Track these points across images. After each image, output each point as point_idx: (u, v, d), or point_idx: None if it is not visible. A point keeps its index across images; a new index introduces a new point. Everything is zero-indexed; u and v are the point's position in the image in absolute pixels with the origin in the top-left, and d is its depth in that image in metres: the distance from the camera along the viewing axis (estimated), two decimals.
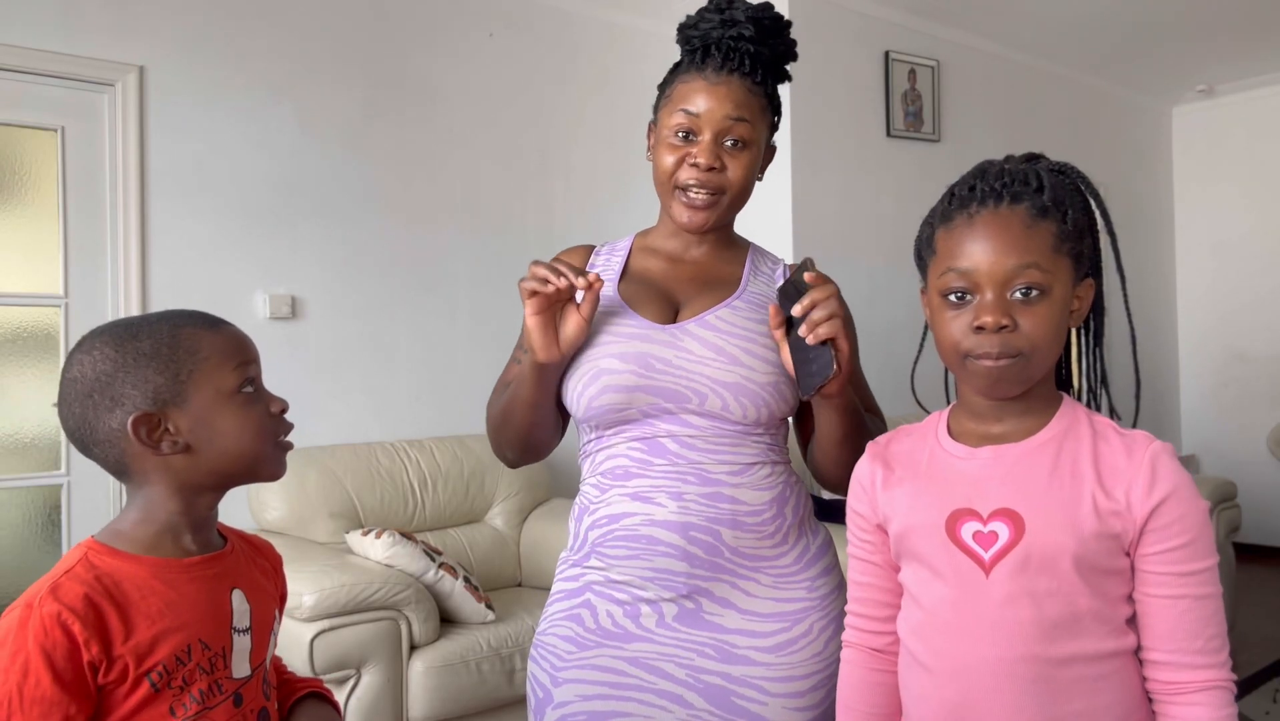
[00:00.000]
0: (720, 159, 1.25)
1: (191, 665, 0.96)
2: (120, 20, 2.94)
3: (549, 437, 1.35)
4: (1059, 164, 1.04)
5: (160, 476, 0.99)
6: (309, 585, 2.41)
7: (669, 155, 1.28)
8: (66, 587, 0.90)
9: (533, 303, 1.18)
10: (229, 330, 1.05)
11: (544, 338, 1.19)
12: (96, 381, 0.96)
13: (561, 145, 3.89)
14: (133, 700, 0.92)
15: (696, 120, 1.25)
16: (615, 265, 1.35)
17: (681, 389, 1.22)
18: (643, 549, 1.21)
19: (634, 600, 1.23)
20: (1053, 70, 4.99)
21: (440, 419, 3.51)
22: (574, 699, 1.25)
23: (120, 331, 0.99)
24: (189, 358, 0.99)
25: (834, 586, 1.28)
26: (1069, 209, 0.97)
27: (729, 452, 1.22)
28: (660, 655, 1.23)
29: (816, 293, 1.11)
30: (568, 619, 1.28)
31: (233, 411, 1.01)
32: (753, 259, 1.36)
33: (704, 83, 1.26)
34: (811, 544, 1.28)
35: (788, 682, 1.21)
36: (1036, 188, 0.97)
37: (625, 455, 1.24)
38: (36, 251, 2.90)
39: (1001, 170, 1.00)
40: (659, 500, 1.21)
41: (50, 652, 0.87)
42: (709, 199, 1.27)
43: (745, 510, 1.22)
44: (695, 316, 1.26)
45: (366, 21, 3.41)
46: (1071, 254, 0.97)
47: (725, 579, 1.22)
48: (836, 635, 1.24)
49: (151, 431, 0.97)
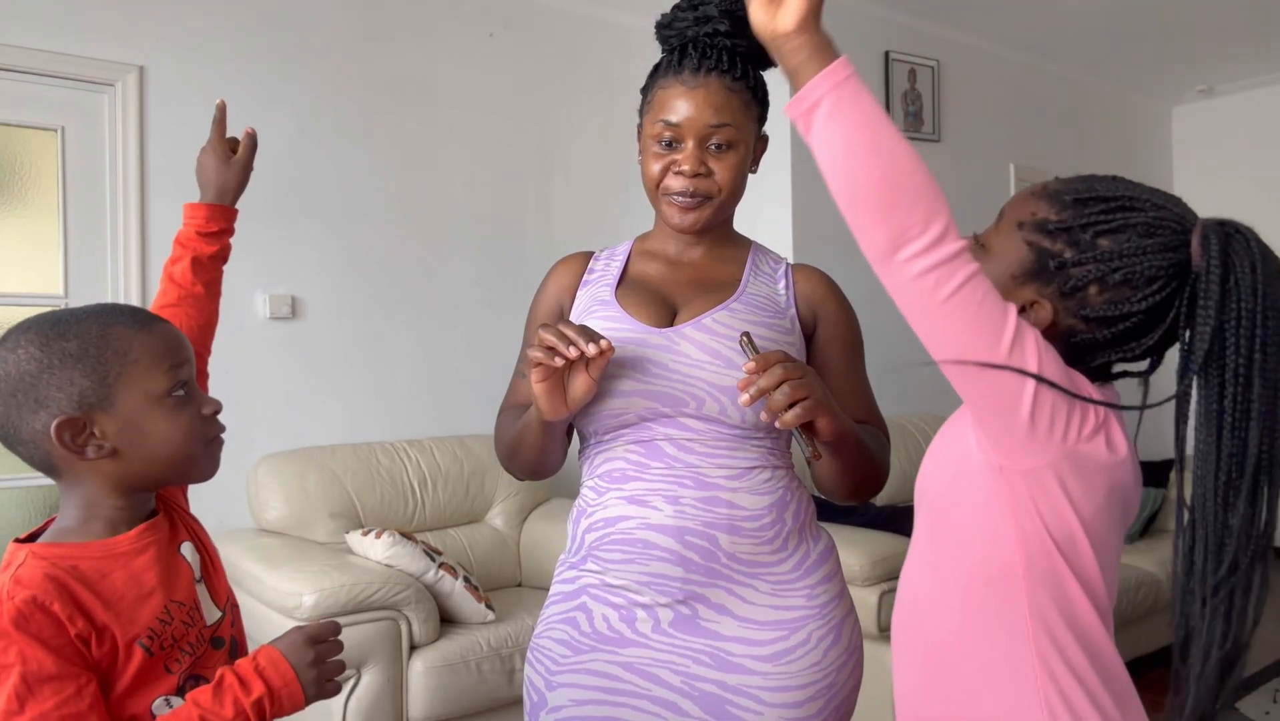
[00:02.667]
0: (705, 164, 1.24)
1: (175, 623, 0.97)
2: (120, 20, 2.94)
3: (558, 462, 1.35)
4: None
5: (91, 476, 0.97)
6: (309, 585, 2.41)
7: (654, 163, 1.26)
8: (27, 575, 0.90)
9: (538, 371, 1.13)
10: (162, 329, 1.00)
11: (551, 400, 1.15)
12: (20, 381, 0.93)
13: (561, 145, 3.88)
14: (131, 668, 0.93)
15: (678, 129, 1.23)
16: (614, 270, 1.34)
17: (678, 393, 1.20)
18: (638, 553, 1.20)
19: (630, 604, 1.22)
20: (1053, 70, 4.99)
21: (440, 419, 3.51)
22: (568, 703, 1.24)
23: (47, 329, 0.95)
24: (117, 360, 0.95)
25: (834, 595, 1.26)
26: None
27: (727, 456, 1.21)
28: (655, 661, 1.21)
29: (764, 381, 1.06)
30: (563, 622, 1.27)
31: (162, 415, 0.98)
32: (754, 259, 1.34)
33: (682, 88, 1.23)
34: (812, 550, 1.26)
35: (784, 692, 1.19)
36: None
37: (623, 458, 1.23)
38: (36, 251, 2.90)
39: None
40: (655, 504, 1.20)
41: (39, 634, 0.87)
42: (698, 202, 1.26)
43: (743, 515, 1.20)
44: (692, 320, 1.24)
45: (366, 22, 3.41)
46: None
47: (722, 585, 1.20)
48: (835, 645, 1.22)
49: (76, 435, 0.94)
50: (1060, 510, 0.92)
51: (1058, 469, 0.91)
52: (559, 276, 1.38)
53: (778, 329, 1.26)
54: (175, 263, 1.29)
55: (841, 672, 1.23)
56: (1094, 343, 0.98)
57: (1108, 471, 0.93)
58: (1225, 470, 0.89)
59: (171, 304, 1.26)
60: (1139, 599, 3.47)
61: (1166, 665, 0.97)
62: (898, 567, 2.80)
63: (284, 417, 3.17)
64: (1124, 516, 0.98)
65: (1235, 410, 0.89)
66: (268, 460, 3.00)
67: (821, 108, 0.90)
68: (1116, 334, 0.96)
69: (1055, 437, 0.90)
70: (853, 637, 1.26)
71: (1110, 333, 0.96)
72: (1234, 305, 0.89)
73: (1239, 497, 0.89)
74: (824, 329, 1.31)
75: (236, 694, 0.93)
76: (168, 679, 0.96)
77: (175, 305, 1.26)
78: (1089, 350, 0.98)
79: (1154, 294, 0.93)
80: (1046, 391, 0.89)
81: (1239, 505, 0.89)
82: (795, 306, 1.30)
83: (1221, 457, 0.90)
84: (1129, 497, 0.97)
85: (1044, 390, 0.89)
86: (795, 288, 1.31)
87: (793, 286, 1.31)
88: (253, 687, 0.94)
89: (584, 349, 1.09)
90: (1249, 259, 0.90)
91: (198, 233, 1.29)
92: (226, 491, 2.71)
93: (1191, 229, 0.94)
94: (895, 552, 2.82)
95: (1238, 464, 0.89)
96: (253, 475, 2.98)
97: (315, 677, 0.98)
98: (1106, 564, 0.96)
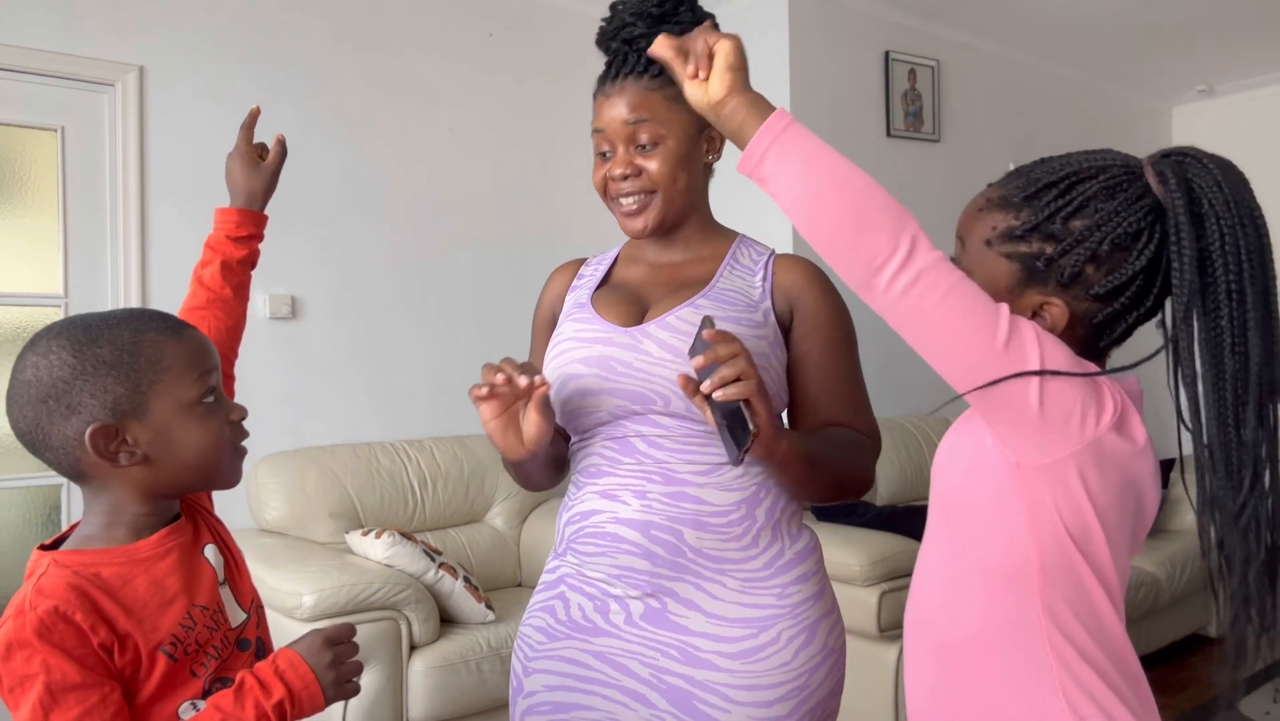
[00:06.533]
0: (633, 164, 1.26)
1: (199, 627, 0.97)
2: (120, 20, 2.94)
3: (552, 480, 1.37)
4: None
5: (119, 483, 0.97)
6: (309, 585, 2.41)
7: (597, 173, 1.30)
8: (49, 585, 0.90)
9: (483, 409, 1.14)
10: (192, 336, 1.01)
11: (506, 439, 1.16)
12: (52, 387, 0.92)
13: (561, 145, 3.88)
14: (155, 675, 0.93)
15: (605, 136, 1.27)
16: (599, 275, 1.36)
17: (644, 391, 1.21)
18: (608, 545, 1.21)
19: (603, 595, 1.24)
20: (1053, 70, 4.99)
21: (440, 419, 3.51)
22: (541, 689, 1.26)
23: (79, 334, 0.94)
24: (150, 367, 0.95)
25: (810, 595, 1.23)
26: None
27: (697, 452, 1.21)
28: (625, 652, 1.22)
29: (721, 349, 1.05)
30: (542, 610, 1.30)
31: (194, 423, 0.98)
32: (734, 253, 1.32)
33: (603, 96, 1.28)
34: (787, 549, 1.24)
35: (752, 691, 1.18)
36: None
37: (599, 454, 1.25)
38: (36, 251, 2.89)
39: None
40: (624, 498, 1.21)
41: (61, 644, 0.87)
42: (640, 201, 1.27)
43: (709, 510, 1.20)
44: (657, 318, 1.25)
45: (367, 21, 3.41)
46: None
47: (689, 579, 1.20)
48: (808, 645, 1.20)
49: (109, 442, 0.93)
50: (1078, 503, 0.91)
51: (1079, 460, 0.90)
52: (552, 285, 1.42)
53: (747, 323, 1.24)
54: (205, 266, 1.29)
55: (815, 675, 1.21)
56: (1114, 314, 0.98)
57: (1126, 461, 0.93)
58: (1231, 391, 0.90)
59: (200, 306, 1.26)
60: (1139, 599, 3.47)
61: (1168, 664, 0.97)
62: (898, 567, 2.81)
63: (284, 418, 3.17)
64: (1138, 508, 0.97)
65: (1233, 328, 0.89)
66: (268, 460, 3.00)
67: (769, 160, 0.93)
68: (1132, 296, 0.96)
69: (1073, 427, 0.90)
70: (829, 640, 1.24)
71: (1126, 298, 0.96)
72: (1213, 225, 0.90)
73: (1248, 412, 0.89)
74: (801, 321, 1.28)
75: (257, 696, 0.93)
76: (194, 683, 0.96)
77: (204, 308, 1.26)
78: (1113, 322, 0.99)
79: (1145, 246, 0.94)
80: (1054, 382, 0.89)
81: (1249, 420, 0.89)
82: (771, 299, 1.28)
83: (1226, 379, 0.90)
84: (1144, 489, 0.96)
85: (1051, 381, 0.88)
86: (774, 279, 1.29)
87: (771, 278, 1.29)
88: (273, 690, 0.94)
89: (515, 380, 1.10)
90: (1209, 176, 0.91)
91: (228, 237, 1.29)
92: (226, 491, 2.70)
93: (1142, 172, 0.95)
94: (895, 552, 2.82)
95: (1242, 382, 0.89)
96: (253, 475, 2.99)
97: (334, 679, 0.99)
98: (1118, 552, 0.96)
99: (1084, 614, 0.94)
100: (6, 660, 0.87)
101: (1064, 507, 0.91)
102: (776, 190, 0.93)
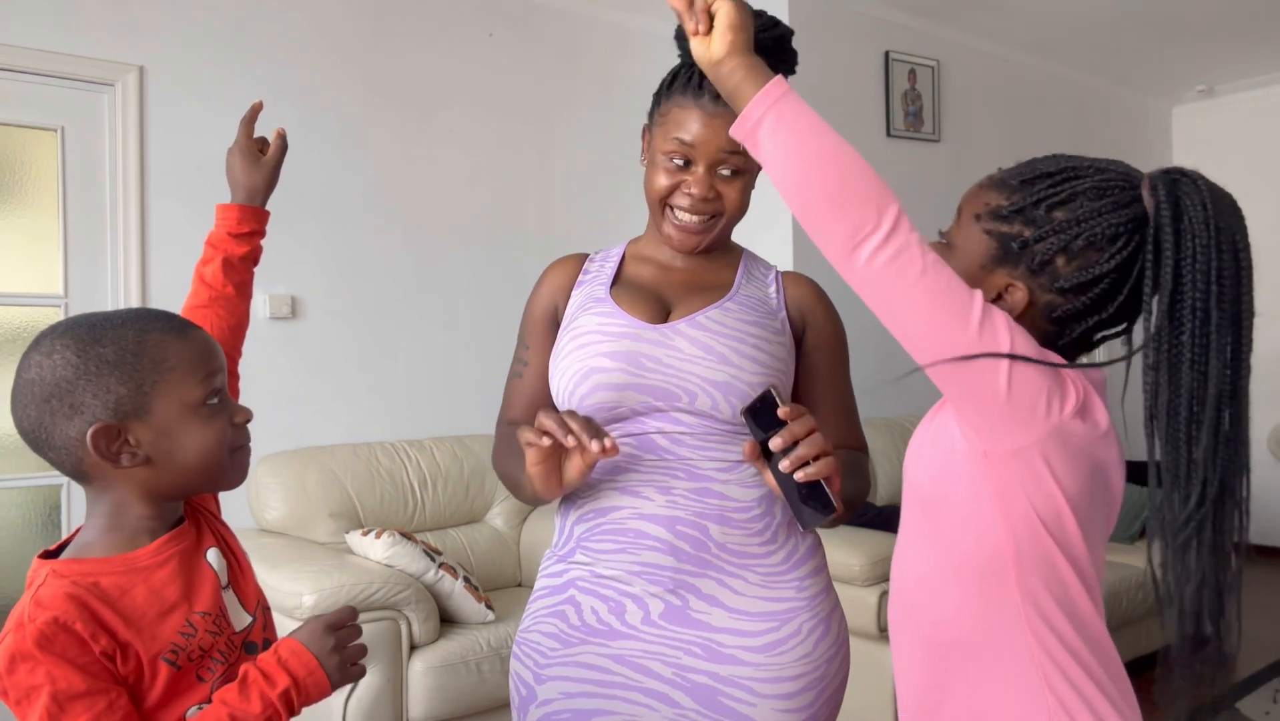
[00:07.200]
0: (714, 188, 1.26)
1: (200, 634, 0.96)
2: (120, 20, 2.94)
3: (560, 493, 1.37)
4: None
5: (122, 484, 0.96)
6: (309, 585, 2.41)
7: (664, 178, 1.27)
8: (48, 596, 0.90)
9: (532, 453, 1.13)
10: (197, 337, 0.99)
11: (546, 482, 1.16)
12: (56, 386, 0.92)
13: (561, 145, 3.88)
14: (159, 683, 0.92)
15: (691, 150, 1.24)
16: (608, 271, 1.35)
17: (672, 387, 1.22)
18: (629, 542, 1.21)
19: (619, 595, 1.23)
20: (1053, 70, 4.99)
21: (440, 419, 3.51)
22: (557, 696, 1.24)
23: (83, 334, 0.93)
24: (154, 367, 0.94)
25: (822, 587, 1.27)
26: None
27: (718, 450, 1.23)
28: (646, 653, 1.22)
29: (797, 428, 1.06)
30: (551, 615, 1.27)
31: (197, 425, 0.97)
32: (746, 264, 1.36)
33: (701, 112, 1.23)
34: (800, 544, 1.27)
35: (776, 684, 1.20)
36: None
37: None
38: (36, 251, 2.90)
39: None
40: (647, 494, 1.21)
41: (64, 654, 0.87)
42: (705, 224, 1.28)
43: (733, 506, 1.22)
44: (686, 316, 1.26)
45: (367, 21, 3.41)
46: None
47: (712, 575, 1.21)
48: (826, 636, 1.23)
49: (111, 443, 0.93)
50: (1047, 490, 0.93)
51: (1043, 447, 0.92)
52: (553, 277, 1.39)
53: (770, 329, 1.27)
54: (206, 264, 1.27)
55: (831, 665, 1.24)
56: (1074, 312, 0.99)
57: (1091, 447, 0.94)
58: (1187, 406, 0.91)
59: (202, 305, 1.25)
60: (1139, 599, 3.47)
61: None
62: None
63: (284, 418, 3.18)
64: (1106, 494, 0.98)
65: (1195, 344, 0.91)
66: (268, 460, 3.00)
67: (765, 125, 0.95)
68: (1094, 298, 0.98)
69: (1038, 414, 0.91)
70: (840, 631, 1.28)
71: (1088, 298, 0.98)
72: (1189, 242, 0.91)
73: (1202, 430, 0.91)
74: (812, 335, 1.33)
75: (262, 688, 0.93)
76: (200, 687, 0.95)
77: (206, 306, 1.25)
78: (1071, 321, 1.00)
79: (1119, 251, 0.95)
80: (1022, 368, 0.90)
81: (1202, 438, 0.90)
82: (786, 310, 1.32)
83: (1183, 393, 0.91)
84: (1110, 472, 0.98)
85: (1019, 367, 0.90)
86: (785, 292, 1.34)
87: (783, 291, 1.34)
88: (277, 680, 0.94)
89: (586, 444, 1.08)
90: (1198, 197, 0.92)
91: (229, 233, 1.27)
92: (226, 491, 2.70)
93: (1140, 184, 0.97)
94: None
95: (1199, 399, 0.91)
96: (253, 475, 2.99)
97: (338, 663, 0.98)
98: (1091, 540, 0.97)
99: (1062, 601, 0.95)
100: (10, 673, 0.86)
101: (1034, 495, 0.93)
102: (768, 156, 0.96)
